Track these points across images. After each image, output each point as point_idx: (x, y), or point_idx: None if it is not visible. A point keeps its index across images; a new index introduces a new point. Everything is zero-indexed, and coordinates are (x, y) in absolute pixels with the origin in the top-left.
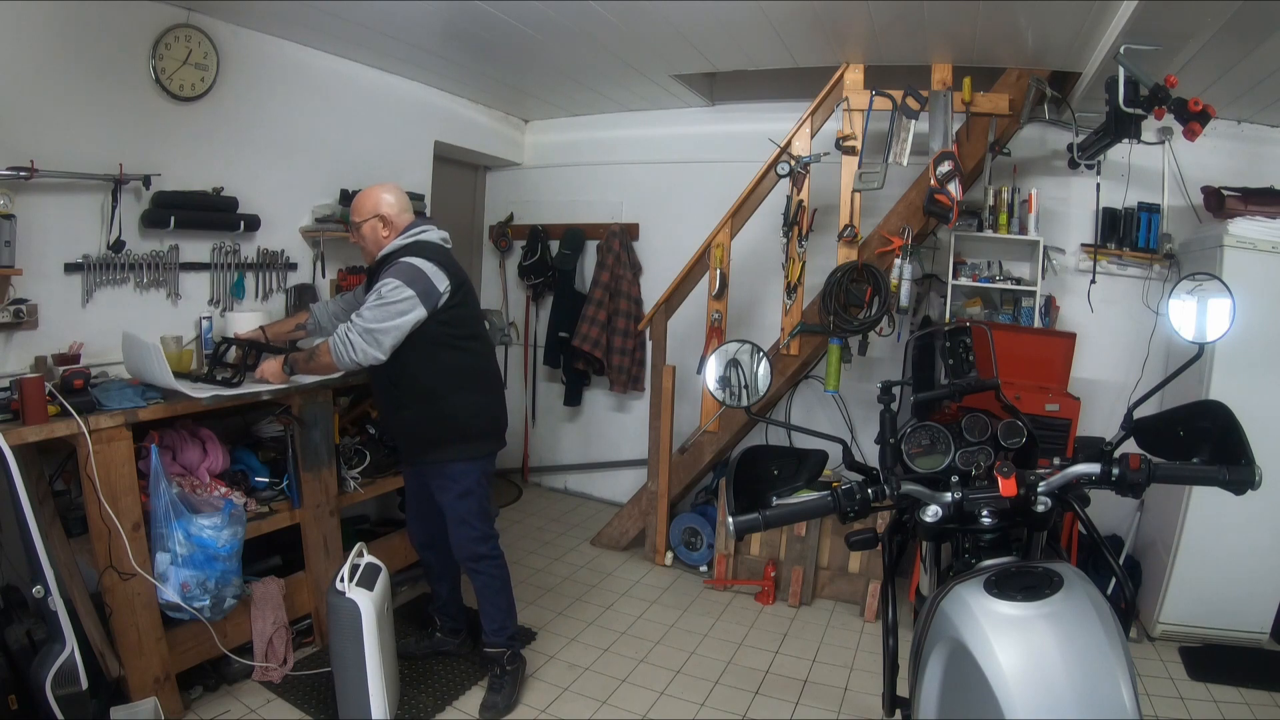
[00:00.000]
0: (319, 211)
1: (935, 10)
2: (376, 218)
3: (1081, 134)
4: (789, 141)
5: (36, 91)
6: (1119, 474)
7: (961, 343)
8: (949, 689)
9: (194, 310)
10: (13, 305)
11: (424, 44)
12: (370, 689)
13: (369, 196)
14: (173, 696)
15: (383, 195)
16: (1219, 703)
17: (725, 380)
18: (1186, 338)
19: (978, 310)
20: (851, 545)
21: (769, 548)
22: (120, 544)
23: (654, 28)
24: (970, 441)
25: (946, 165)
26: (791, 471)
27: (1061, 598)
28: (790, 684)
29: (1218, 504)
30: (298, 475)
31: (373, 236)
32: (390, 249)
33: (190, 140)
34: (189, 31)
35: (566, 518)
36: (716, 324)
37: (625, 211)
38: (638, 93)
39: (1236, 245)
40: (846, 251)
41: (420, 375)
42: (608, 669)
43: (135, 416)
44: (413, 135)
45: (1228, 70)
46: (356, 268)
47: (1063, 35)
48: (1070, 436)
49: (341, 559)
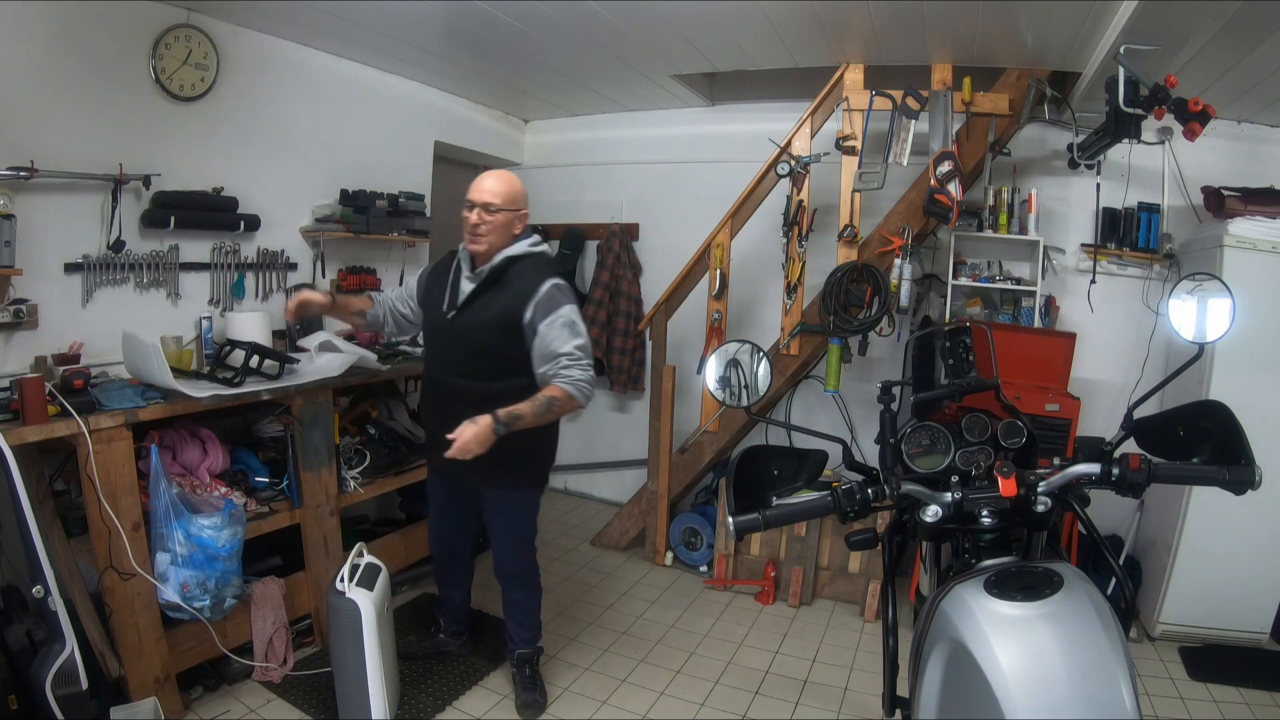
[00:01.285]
0: (319, 211)
1: (935, 10)
2: (520, 214)
3: (1081, 134)
4: (789, 141)
5: (36, 91)
6: (1119, 474)
7: (961, 343)
8: (949, 689)
9: (194, 310)
10: (13, 305)
11: (424, 44)
12: (370, 689)
13: (516, 186)
14: (173, 696)
15: (524, 191)
16: (1219, 703)
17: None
18: (1186, 338)
19: (978, 310)
20: (851, 545)
21: (769, 548)
22: (120, 544)
23: (654, 28)
24: (970, 441)
25: (946, 165)
26: (791, 471)
27: (1061, 598)
28: (790, 684)
29: (1218, 504)
30: (298, 475)
31: (506, 230)
32: (517, 252)
33: (190, 140)
34: (189, 31)
35: (566, 518)
36: (716, 324)
37: (625, 211)
38: (638, 93)
39: (1236, 245)
40: (846, 251)
41: (523, 398)
42: (608, 669)
43: (135, 416)
44: (413, 135)
45: (1228, 70)
46: (357, 268)
47: (1063, 35)
48: (1070, 436)
49: (341, 559)
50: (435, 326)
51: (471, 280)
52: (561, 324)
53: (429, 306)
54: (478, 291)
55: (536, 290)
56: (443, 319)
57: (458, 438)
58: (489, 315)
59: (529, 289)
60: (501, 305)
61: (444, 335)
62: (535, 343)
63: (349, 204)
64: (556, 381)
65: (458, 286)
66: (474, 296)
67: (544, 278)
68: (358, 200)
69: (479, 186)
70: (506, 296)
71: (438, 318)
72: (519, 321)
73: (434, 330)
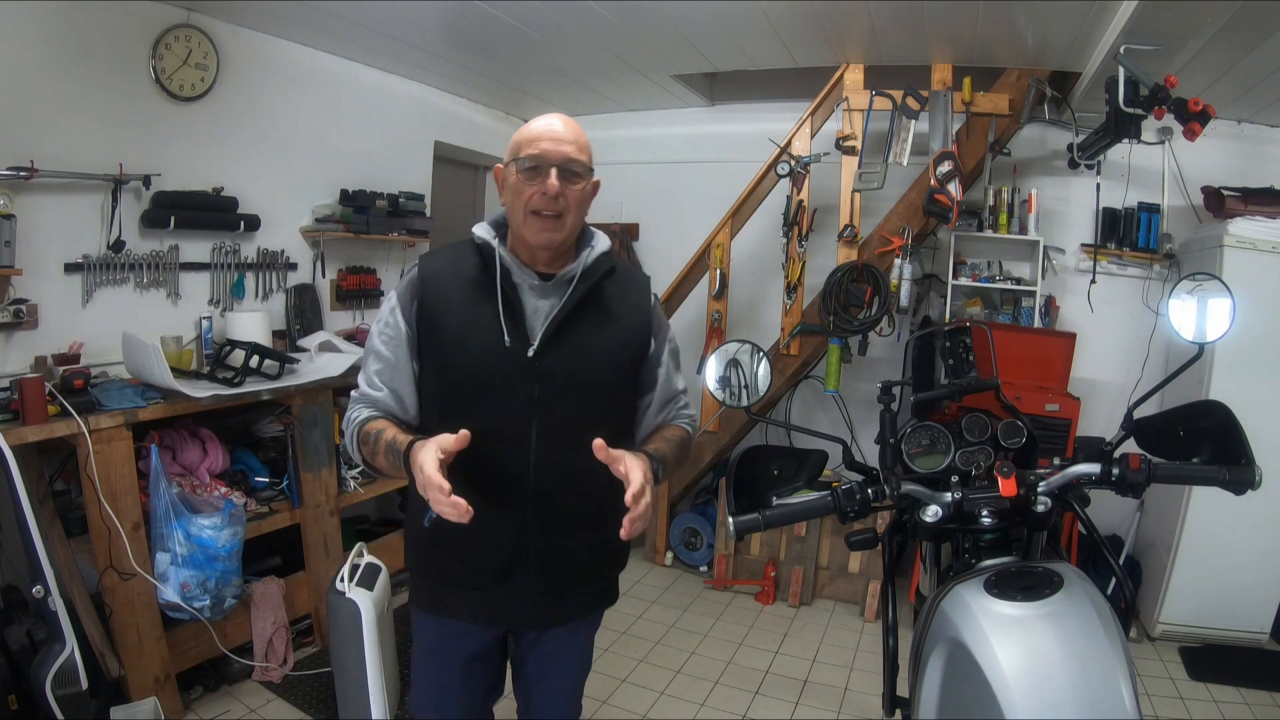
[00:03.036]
0: (319, 211)
1: (935, 10)
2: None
3: (1081, 134)
4: (789, 141)
5: (36, 91)
6: (1119, 474)
7: (961, 343)
8: (949, 689)
9: (194, 310)
10: (13, 305)
11: (424, 44)
12: (370, 689)
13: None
14: (173, 696)
15: None
16: (1219, 703)
17: (725, 380)
18: (1186, 338)
19: (978, 310)
20: (851, 545)
21: (769, 548)
22: (120, 544)
23: (654, 28)
24: (970, 441)
25: (946, 165)
26: (791, 471)
27: (1061, 598)
28: (790, 684)
29: (1218, 504)
30: (298, 475)
31: (585, 210)
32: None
33: (190, 140)
34: (189, 31)
35: None
36: (716, 324)
37: (625, 211)
38: (638, 93)
39: (1236, 245)
40: (846, 251)
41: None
42: (608, 669)
43: (135, 416)
44: (413, 135)
45: (1228, 70)
46: (357, 268)
47: (1063, 35)
48: (1070, 436)
49: (341, 559)
50: (487, 376)
51: (546, 294)
52: (675, 349)
53: (460, 342)
54: (574, 312)
55: (650, 304)
56: (506, 360)
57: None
58: (605, 345)
59: (643, 303)
60: (620, 332)
61: (512, 387)
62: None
63: (349, 204)
64: (678, 422)
65: (518, 304)
66: (567, 320)
67: (647, 284)
68: (358, 200)
69: (551, 134)
70: (621, 318)
71: (491, 359)
72: (645, 353)
73: (481, 381)
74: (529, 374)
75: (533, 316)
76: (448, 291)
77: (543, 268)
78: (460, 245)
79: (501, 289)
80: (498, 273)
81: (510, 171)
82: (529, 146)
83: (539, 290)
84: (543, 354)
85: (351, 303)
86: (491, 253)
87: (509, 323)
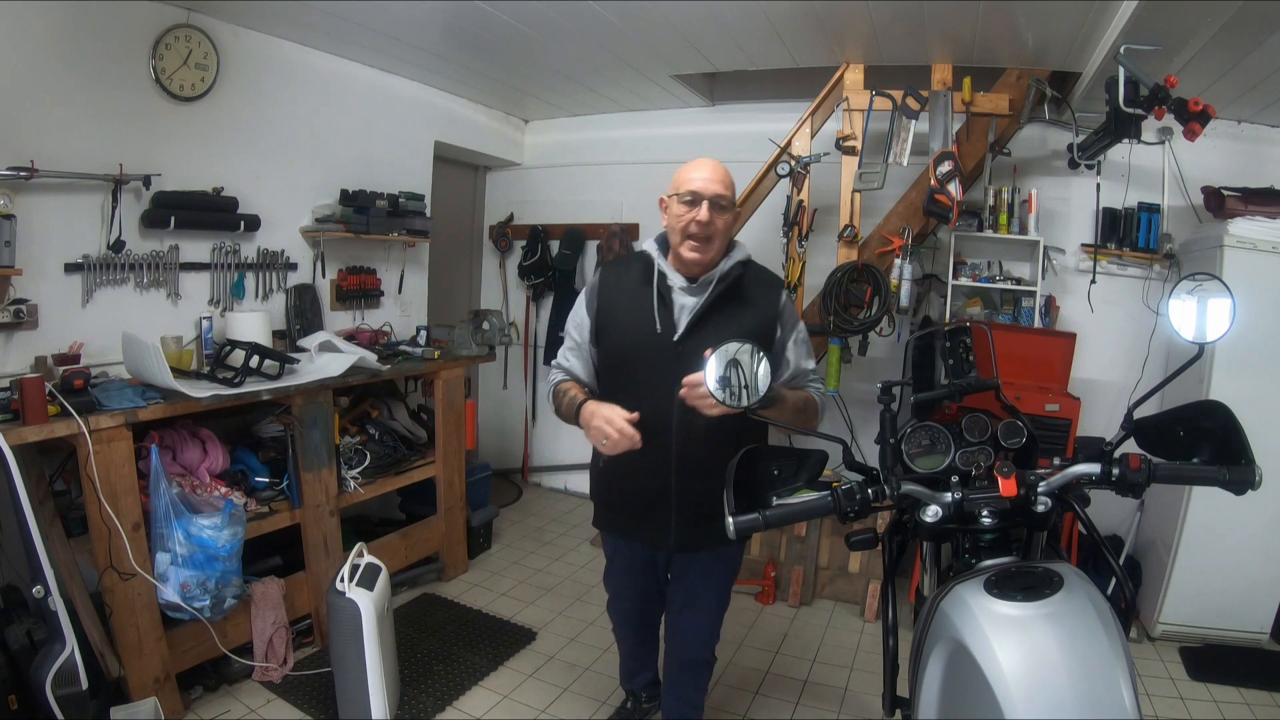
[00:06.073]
0: (319, 211)
1: (935, 10)
2: (736, 213)
3: (1081, 134)
4: (789, 141)
5: (36, 91)
6: (1119, 474)
7: (961, 343)
8: (949, 689)
9: (194, 310)
10: (13, 305)
11: (424, 44)
12: (370, 689)
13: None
14: (173, 696)
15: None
16: (1219, 703)
17: (725, 380)
18: (1186, 338)
19: (978, 310)
20: (851, 545)
21: (769, 548)
22: (120, 544)
23: (654, 28)
24: (970, 441)
25: (946, 165)
26: (791, 471)
27: (1061, 598)
28: (790, 684)
29: (1218, 504)
30: (298, 475)
31: (730, 235)
32: (744, 256)
33: (190, 140)
34: (189, 31)
35: (566, 518)
36: None
37: (625, 211)
38: (638, 93)
39: (1236, 245)
40: (846, 251)
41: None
42: (608, 669)
43: (135, 416)
44: (413, 135)
45: (1228, 70)
46: (357, 268)
47: (1063, 35)
48: (1070, 436)
49: (341, 559)
50: (643, 355)
51: (692, 293)
52: (803, 339)
53: (624, 330)
54: (712, 307)
55: (779, 302)
56: (657, 344)
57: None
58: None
59: (772, 300)
60: (748, 323)
61: (661, 364)
62: (781, 365)
63: (349, 204)
64: (806, 388)
65: (669, 301)
66: (706, 313)
67: (779, 286)
68: (358, 200)
69: (702, 175)
70: (751, 312)
71: (647, 343)
72: (770, 342)
73: (639, 359)
74: (674, 354)
75: (679, 311)
76: (618, 292)
77: (693, 273)
78: (633, 257)
79: (656, 289)
80: (655, 277)
81: (672, 201)
82: (687, 183)
83: (687, 290)
84: (685, 339)
85: (352, 303)
86: (651, 262)
87: (660, 315)
